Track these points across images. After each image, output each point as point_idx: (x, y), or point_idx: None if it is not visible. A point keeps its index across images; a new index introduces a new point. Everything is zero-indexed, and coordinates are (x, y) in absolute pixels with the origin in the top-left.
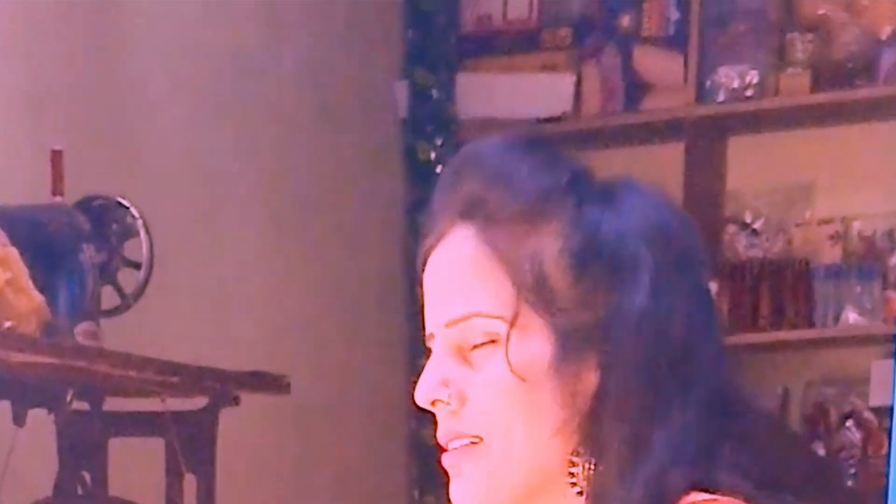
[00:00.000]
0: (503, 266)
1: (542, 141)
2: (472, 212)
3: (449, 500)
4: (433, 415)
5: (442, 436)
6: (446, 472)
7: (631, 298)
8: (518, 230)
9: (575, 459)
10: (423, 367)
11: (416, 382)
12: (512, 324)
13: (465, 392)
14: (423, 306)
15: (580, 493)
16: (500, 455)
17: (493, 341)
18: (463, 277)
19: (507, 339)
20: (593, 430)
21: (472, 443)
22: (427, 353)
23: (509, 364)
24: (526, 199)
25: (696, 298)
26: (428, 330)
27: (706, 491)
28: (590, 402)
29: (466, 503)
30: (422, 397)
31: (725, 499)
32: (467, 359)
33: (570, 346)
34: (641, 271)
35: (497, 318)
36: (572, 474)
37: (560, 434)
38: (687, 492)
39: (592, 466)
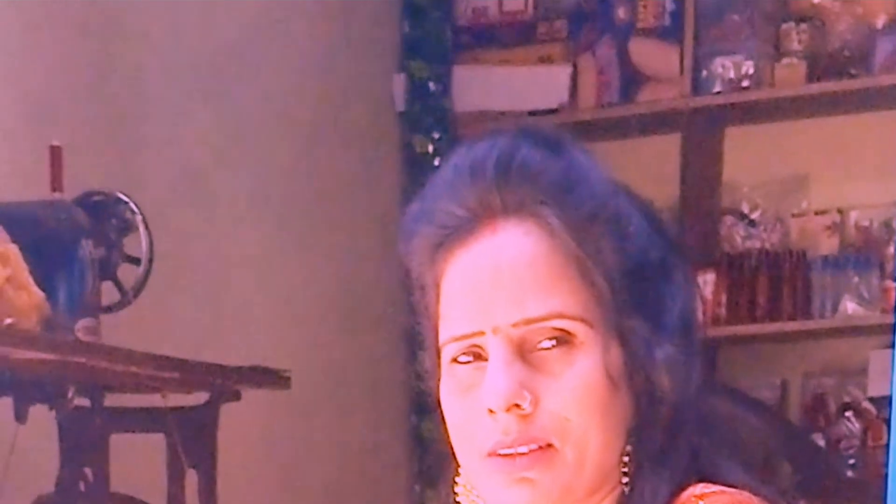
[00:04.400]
0: (576, 266)
1: (566, 135)
2: (529, 209)
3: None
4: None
5: (507, 441)
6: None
7: (674, 300)
8: (590, 230)
9: (625, 459)
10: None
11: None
12: (592, 326)
13: (539, 396)
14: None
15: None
16: (575, 463)
17: (563, 343)
18: (537, 276)
19: (591, 344)
20: (644, 427)
21: (541, 448)
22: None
23: (604, 369)
24: (597, 201)
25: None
26: (474, 328)
27: (714, 483)
28: (643, 401)
29: None
30: (504, 402)
31: (733, 490)
32: (530, 360)
33: (637, 348)
34: (678, 273)
35: (577, 319)
36: (625, 473)
37: (623, 436)
38: (695, 483)
39: (635, 462)
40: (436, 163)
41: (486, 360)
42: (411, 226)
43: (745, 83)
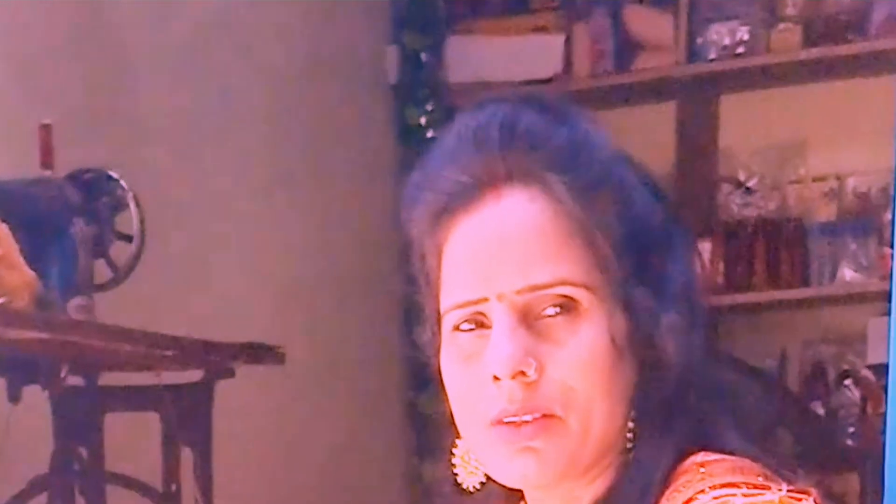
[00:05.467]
0: (581, 233)
1: (569, 102)
2: (534, 176)
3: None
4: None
5: (512, 409)
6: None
7: (676, 267)
8: (595, 197)
9: (630, 425)
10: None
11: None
12: (596, 293)
13: (544, 364)
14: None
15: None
16: (579, 432)
17: (568, 311)
18: (542, 243)
19: (596, 311)
20: (647, 395)
21: (545, 417)
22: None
23: (608, 337)
24: (602, 168)
25: None
26: (478, 295)
27: (715, 451)
28: (647, 369)
29: (541, 479)
30: (509, 369)
31: (734, 458)
32: (534, 328)
33: (641, 315)
34: (679, 241)
35: (581, 286)
36: (629, 440)
37: (627, 404)
38: (696, 451)
39: (638, 428)
40: (429, 134)
41: (489, 327)
42: (413, 193)
43: (740, 49)
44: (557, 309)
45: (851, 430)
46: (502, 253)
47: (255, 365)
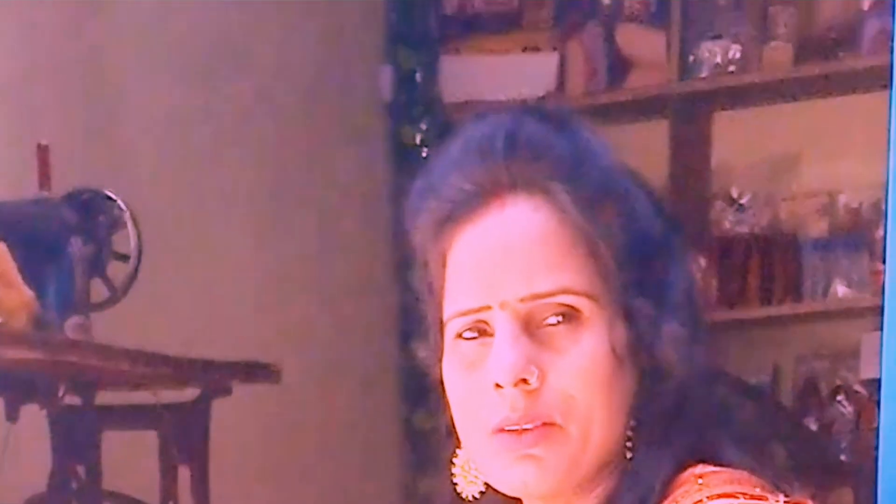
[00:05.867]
0: (584, 242)
1: (573, 113)
2: (538, 185)
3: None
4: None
5: (514, 417)
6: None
7: (677, 279)
8: (598, 207)
9: (629, 434)
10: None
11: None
12: (599, 302)
13: (545, 373)
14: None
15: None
16: (579, 440)
17: (569, 320)
18: (545, 252)
19: (597, 321)
20: (647, 404)
21: (546, 425)
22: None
23: (610, 346)
24: (606, 178)
25: None
26: (481, 302)
27: (713, 464)
28: (648, 379)
29: (540, 487)
30: (512, 377)
31: (732, 470)
32: (536, 336)
33: (643, 325)
34: (680, 253)
35: (584, 295)
36: (628, 448)
37: (627, 413)
38: (694, 464)
39: (637, 437)
40: (424, 153)
41: (492, 335)
42: (417, 201)
43: (732, 67)
44: (559, 318)
45: (845, 445)
46: (506, 261)
47: (252, 383)
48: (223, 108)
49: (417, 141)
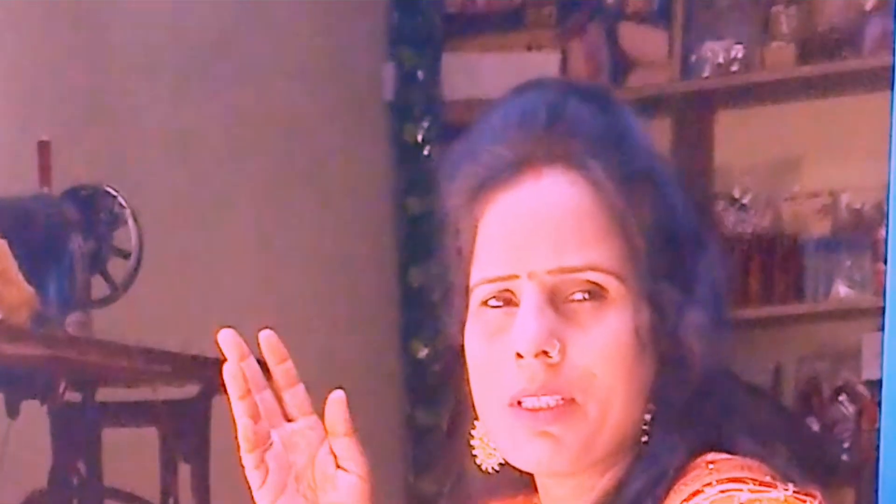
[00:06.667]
0: (617, 222)
1: (613, 93)
2: (575, 161)
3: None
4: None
5: (531, 388)
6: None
7: (706, 270)
8: (634, 188)
9: (647, 417)
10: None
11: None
12: (626, 284)
13: (567, 347)
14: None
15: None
16: (597, 420)
17: (595, 297)
18: (578, 226)
19: (623, 302)
20: (668, 390)
21: (564, 401)
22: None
23: (634, 328)
24: (643, 160)
25: None
26: (509, 271)
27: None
28: (669, 366)
29: (555, 465)
30: (534, 347)
31: (741, 458)
32: (561, 310)
33: (669, 311)
34: (712, 248)
35: (612, 274)
36: (644, 431)
37: (645, 397)
38: (706, 452)
39: (654, 422)
40: (426, 151)
41: (517, 305)
42: (454, 165)
43: (734, 67)
44: (585, 294)
45: (846, 445)
46: (537, 232)
47: None
48: (224, 106)
49: (419, 139)
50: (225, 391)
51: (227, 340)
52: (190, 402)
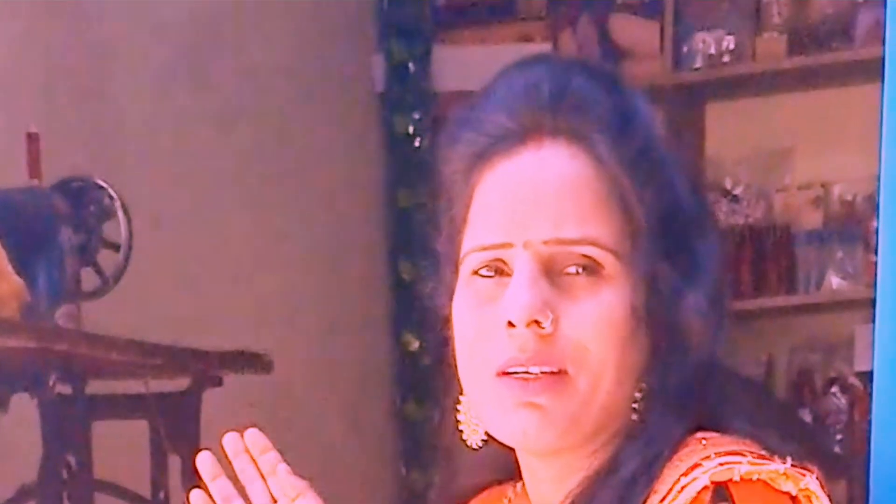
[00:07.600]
0: (618, 198)
1: (620, 72)
2: (579, 135)
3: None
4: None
5: (521, 358)
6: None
7: (705, 254)
8: (637, 166)
9: (637, 395)
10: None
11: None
12: (622, 260)
13: (560, 319)
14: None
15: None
16: (587, 393)
17: (590, 272)
18: (577, 199)
19: (618, 279)
20: (663, 371)
21: (554, 373)
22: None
23: (629, 306)
24: (648, 139)
25: None
26: (504, 239)
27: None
28: (663, 346)
29: (541, 439)
30: (526, 315)
31: (734, 437)
32: (555, 282)
33: (665, 292)
34: (712, 235)
35: (609, 250)
36: (635, 409)
37: (637, 377)
38: (695, 431)
39: (646, 402)
40: (417, 143)
41: (509, 276)
42: (454, 132)
43: (726, 58)
44: (580, 269)
45: (839, 437)
46: (535, 201)
47: (243, 373)
48: (215, 98)
49: (410, 131)
50: (215, 384)
51: (205, 463)
52: (181, 394)
